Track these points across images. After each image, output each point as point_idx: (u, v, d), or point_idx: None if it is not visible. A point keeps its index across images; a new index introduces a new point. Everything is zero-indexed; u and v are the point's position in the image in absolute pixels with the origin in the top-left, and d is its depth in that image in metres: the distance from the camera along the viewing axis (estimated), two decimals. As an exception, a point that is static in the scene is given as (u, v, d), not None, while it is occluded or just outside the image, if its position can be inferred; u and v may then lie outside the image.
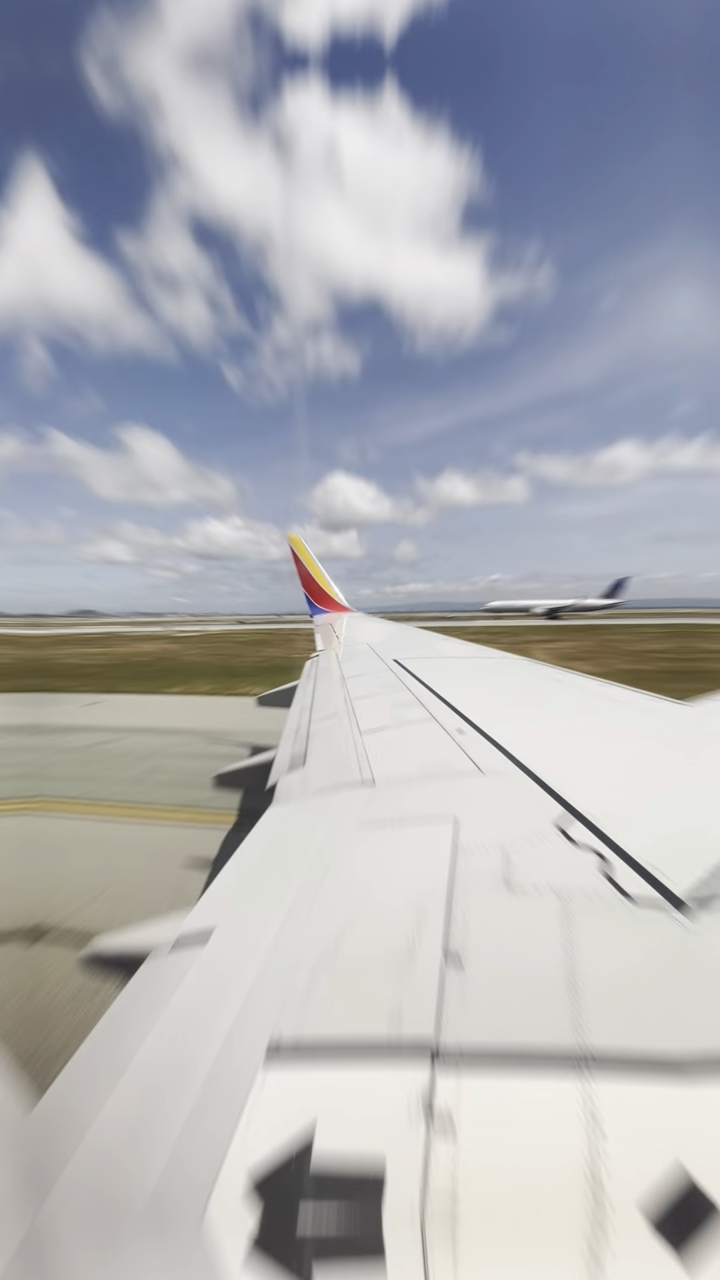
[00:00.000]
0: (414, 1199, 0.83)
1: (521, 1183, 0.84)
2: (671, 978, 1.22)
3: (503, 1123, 0.92)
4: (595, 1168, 0.84)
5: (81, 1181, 0.96)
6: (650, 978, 1.22)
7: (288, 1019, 1.22)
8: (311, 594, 23.25)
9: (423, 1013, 1.16)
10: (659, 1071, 0.98)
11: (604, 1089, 0.95)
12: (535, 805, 2.17)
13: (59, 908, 6.45)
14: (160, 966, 1.59)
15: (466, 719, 3.64)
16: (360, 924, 1.53)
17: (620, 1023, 1.09)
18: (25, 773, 12.10)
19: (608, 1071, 0.98)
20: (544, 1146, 0.88)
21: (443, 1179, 0.85)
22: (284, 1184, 0.87)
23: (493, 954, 1.33)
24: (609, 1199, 0.80)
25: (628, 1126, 0.89)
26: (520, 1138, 0.90)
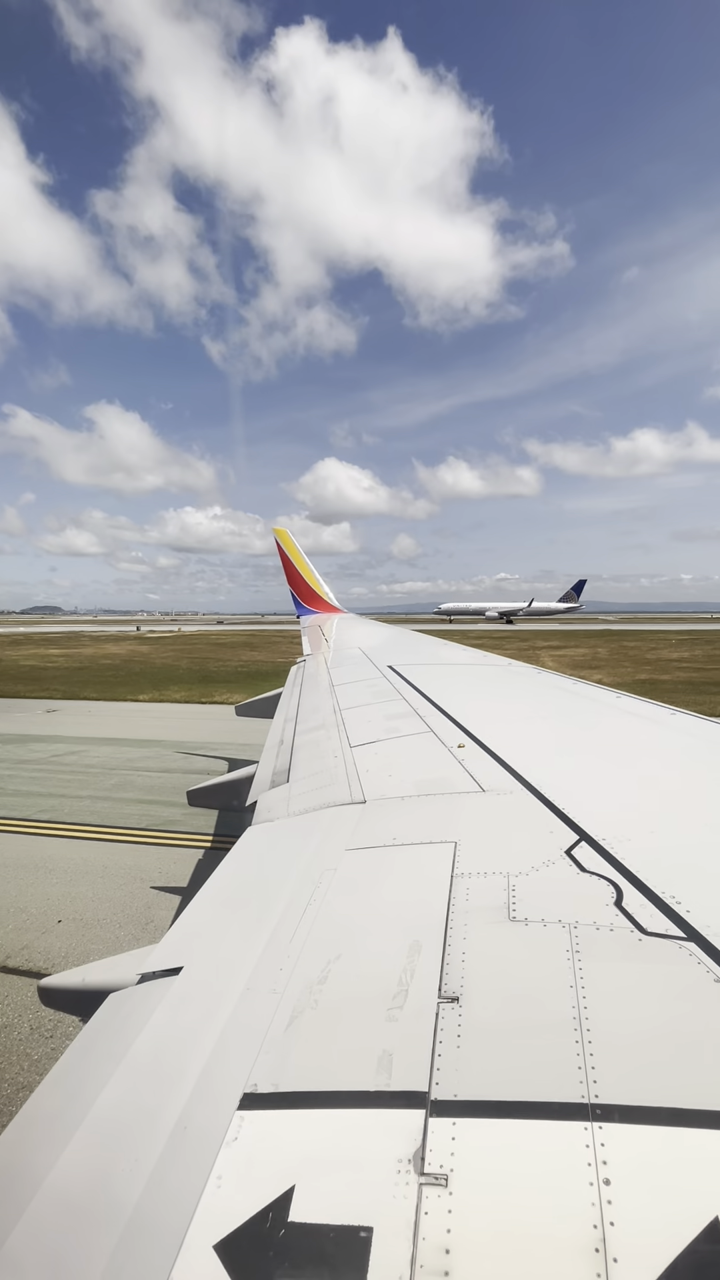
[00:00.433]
0: (403, 1263, 0.83)
1: (523, 1246, 0.84)
2: (692, 1022, 1.23)
3: (502, 1180, 0.92)
4: (604, 1231, 0.84)
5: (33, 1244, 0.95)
6: (668, 1021, 1.23)
7: (265, 1064, 1.22)
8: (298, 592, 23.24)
9: (415, 1059, 1.16)
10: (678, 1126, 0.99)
11: (615, 1145, 0.95)
12: (541, 828, 2.18)
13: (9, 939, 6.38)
14: (124, 1005, 1.58)
15: (468, 732, 3.65)
16: (347, 959, 1.53)
17: (634, 1071, 1.10)
18: (-25, 787, 11.99)
19: (620, 1126, 0.99)
20: (548, 1207, 0.88)
21: (435, 1241, 0.85)
22: (257, 1247, 0.87)
23: (493, 994, 1.33)
24: (620, 1265, 0.81)
25: (641, 1186, 0.90)
26: (522, 1197, 0.90)
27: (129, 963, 1.81)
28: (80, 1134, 1.14)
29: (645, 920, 1.56)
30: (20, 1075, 4.47)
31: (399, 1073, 1.13)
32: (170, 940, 1.82)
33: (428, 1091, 1.08)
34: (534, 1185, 0.91)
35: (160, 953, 1.76)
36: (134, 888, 7.56)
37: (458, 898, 1.75)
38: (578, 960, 1.41)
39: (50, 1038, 4.85)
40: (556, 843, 2.04)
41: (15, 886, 7.59)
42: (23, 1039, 4.85)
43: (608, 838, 2.05)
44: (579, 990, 1.30)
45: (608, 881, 1.77)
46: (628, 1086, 1.06)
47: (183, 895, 7.30)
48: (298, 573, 23.24)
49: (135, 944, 6.27)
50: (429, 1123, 1.02)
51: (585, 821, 2.19)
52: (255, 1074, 1.19)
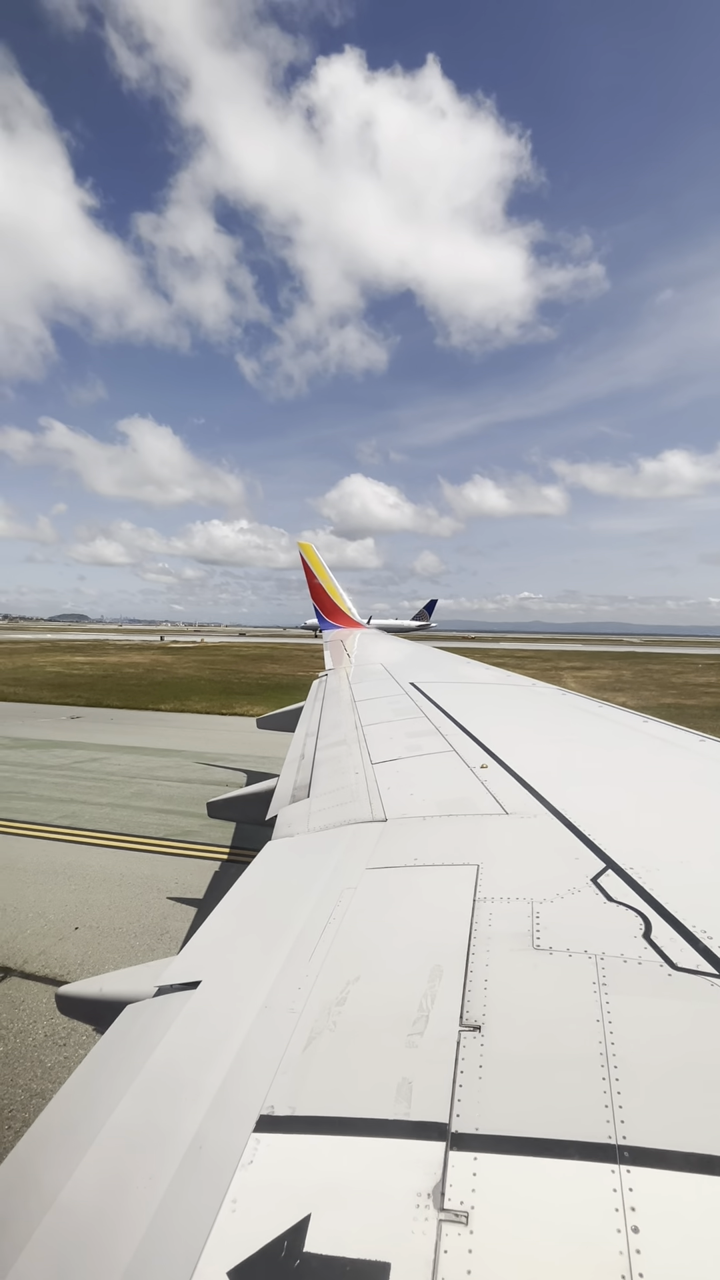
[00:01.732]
0: (422, 1302, 0.81)
1: (545, 1291, 0.81)
2: (722, 1061, 1.18)
3: (524, 1219, 0.89)
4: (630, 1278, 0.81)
5: (45, 1261, 0.94)
6: (700, 1062, 1.18)
7: (282, 1086, 1.20)
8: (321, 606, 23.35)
9: (436, 1088, 1.14)
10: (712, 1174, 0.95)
11: (645, 1190, 0.92)
12: (566, 853, 2.14)
13: (27, 944, 6.43)
14: (140, 1017, 1.58)
15: (490, 752, 3.61)
16: (367, 980, 1.51)
17: (665, 1114, 1.06)
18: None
19: (649, 1170, 0.95)
20: (574, 1253, 0.85)
21: (454, 1277, 0.82)
22: (269, 1276, 0.85)
23: (516, 1024, 1.30)
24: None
25: (673, 1236, 0.86)
26: (546, 1241, 0.87)
27: (146, 974, 1.81)
28: (95, 1148, 1.13)
29: (675, 954, 1.51)
30: (34, 1082, 4.47)
31: (419, 1102, 1.11)
32: (188, 953, 1.82)
33: (448, 1123, 1.06)
34: (559, 1229, 0.88)
35: (178, 965, 1.75)
36: (150, 897, 7.58)
37: (480, 923, 1.71)
38: (604, 993, 1.37)
39: (64, 1045, 4.86)
40: (582, 869, 2.00)
41: (34, 891, 7.66)
42: (37, 1045, 4.86)
43: (635, 866, 2.00)
44: (605, 1025, 1.27)
45: (635, 912, 1.72)
46: (658, 1129, 1.02)
47: (199, 907, 7.30)
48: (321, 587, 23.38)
49: (151, 954, 6.27)
50: (449, 1156, 0.99)
51: (612, 849, 2.14)
52: (272, 1095, 1.18)
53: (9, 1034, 4.99)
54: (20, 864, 8.55)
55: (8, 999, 5.48)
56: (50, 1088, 4.41)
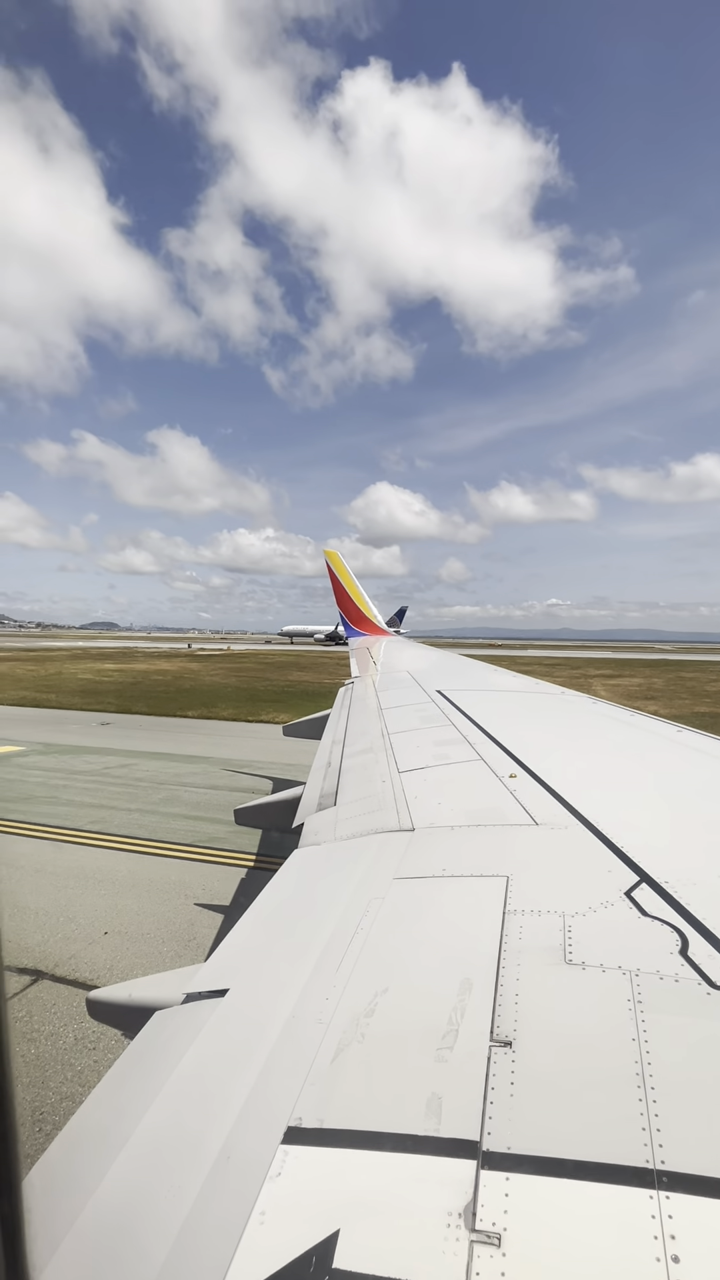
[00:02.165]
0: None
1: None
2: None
3: (559, 1244, 0.87)
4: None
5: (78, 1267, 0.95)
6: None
7: (310, 1097, 1.19)
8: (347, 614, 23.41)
9: (466, 1105, 1.12)
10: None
11: (685, 1218, 0.89)
12: (599, 866, 2.10)
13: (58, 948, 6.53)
14: (169, 1024, 1.59)
15: (519, 761, 3.56)
16: (395, 992, 1.49)
17: (705, 1139, 1.02)
18: (30, 795, 12.43)
19: (690, 1198, 0.92)
20: (608, 1277, 0.83)
21: (486, 1304, 0.81)
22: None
23: (549, 1041, 1.27)
24: None
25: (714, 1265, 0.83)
26: (582, 1267, 0.84)
27: (174, 981, 1.82)
28: (124, 1155, 1.14)
29: (714, 973, 1.47)
30: (64, 1085, 4.53)
31: (449, 1118, 1.09)
32: (216, 961, 1.83)
33: (479, 1141, 1.04)
34: (595, 1256, 0.85)
35: (206, 973, 1.76)
36: (178, 903, 7.64)
37: (510, 935, 1.69)
38: (640, 1011, 1.33)
39: (94, 1049, 4.91)
40: (615, 883, 1.95)
41: (66, 896, 7.78)
42: (67, 1048, 4.92)
43: (671, 880, 1.95)
44: (641, 1044, 1.23)
45: (672, 928, 1.67)
46: (699, 1155, 0.98)
47: (225, 914, 7.33)
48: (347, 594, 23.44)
49: (178, 960, 6.32)
50: (480, 1175, 0.98)
51: (646, 862, 2.09)
52: (300, 1107, 1.17)
53: (40, 1036, 5.07)
54: (52, 868, 8.71)
55: (40, 1002, 5.56)
56: (80, 1091, 4.46)
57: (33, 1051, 4.88)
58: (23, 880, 8.25)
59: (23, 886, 8.04)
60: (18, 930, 6.87)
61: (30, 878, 8.35)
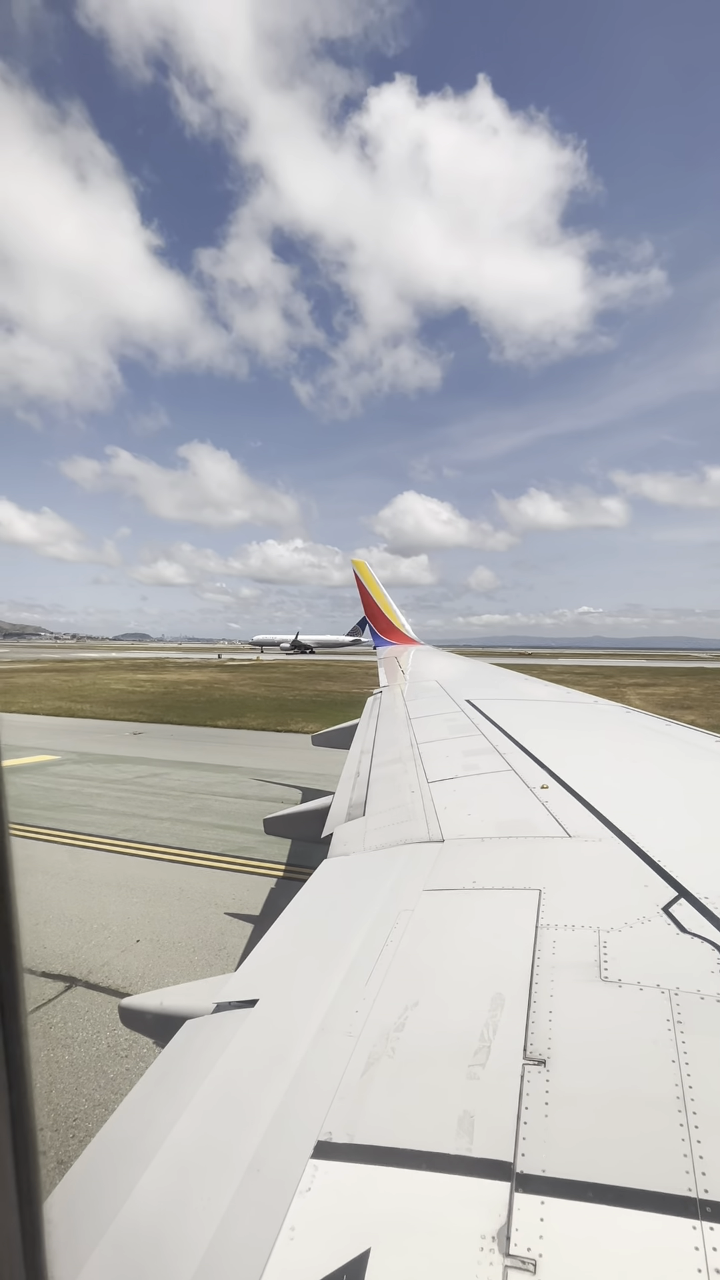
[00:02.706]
0: None
1: None
2: None
3: (596, 1272, 0.84)
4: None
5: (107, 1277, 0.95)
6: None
7: (340, 1112, 1.18)
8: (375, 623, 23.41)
9: (499, 1124, 1.09)
10: None
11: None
12: (635, 880, 2.04)
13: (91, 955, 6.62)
14: (199, 1033, 1.59)
15: (551, 772, 3.50)
16: (426, 1007, 1.47)
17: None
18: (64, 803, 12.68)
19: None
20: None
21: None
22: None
23: (584, 1060, 1.24)
24: None
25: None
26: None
27: (205, 990, 1.83)
28: (155, 1165, 1.14)
29: (758, 993, 1.41)
30: (97, 1093, 4.57)
31: (481, 1138, 1.07)
32: (246, 971, 1.83)
33: (513, 1162, 1.01)
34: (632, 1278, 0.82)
35: (236, 983, 1.76)
36: (209, 912, 7.68)
37: (543, 950, 1.65)
38: (680, 1032, 1.29)
39: (126, 1057, 4.95)
40: (652, 898, 1.90)
41: (99, 903, 7.89)
42: (100, 1056, 4.98)
43: (711, 896, 1.89)
44: (682, 1066, 1.19)
45: (712, 945, 1.62)
46: (743, 1184, 0.94)
47: (255, 924, 7.34)
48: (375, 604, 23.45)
49: (209, 969, 6.34)
50: (514, 1198, 0.95)
51: (684, 877, 2.03)
52: (329, 1121, 1.16)
53: (74, 1043, 5.14)
54: (85, 875, 8.85)
55: (74, 1008, 5.64)
56: (113, 1098, 4.49)
57: (67, 1058, 4.95)
58: (58, 887, 8.40)
59: (58, 893, 8.18)
60: (52, 936, 6.99)
61: (65, 884, 8.50)
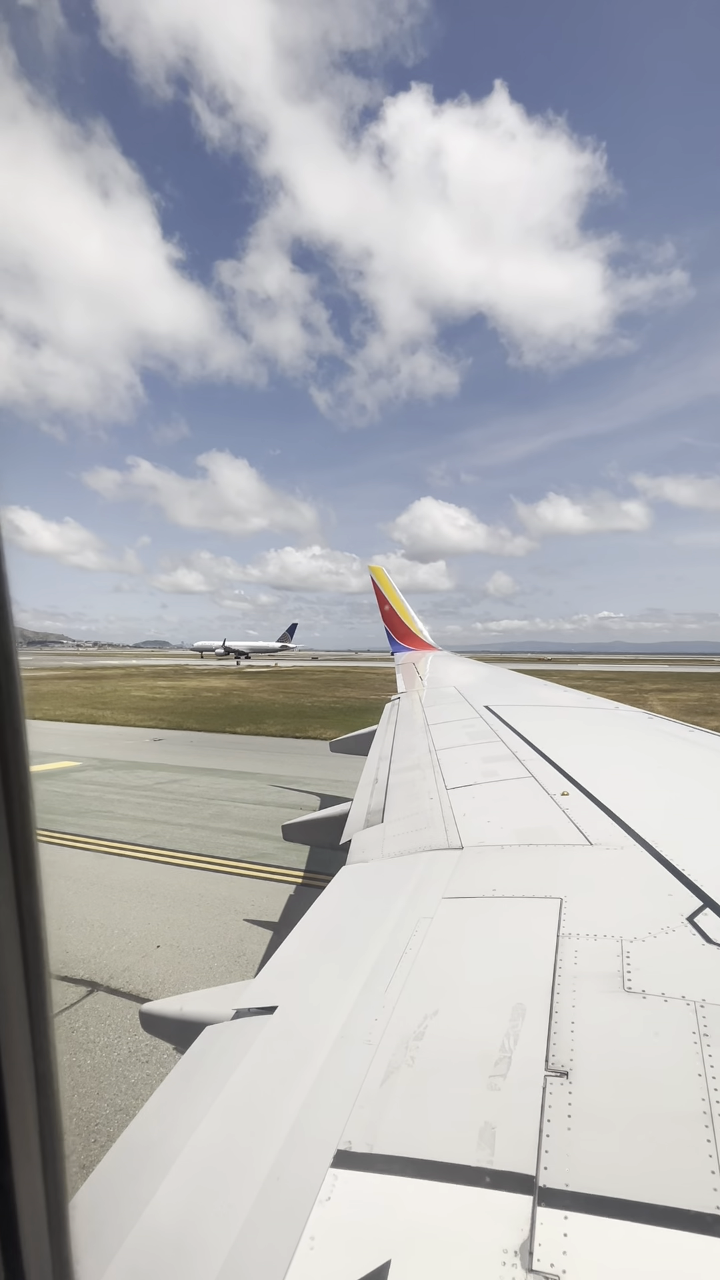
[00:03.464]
0: None
1: None
2: None
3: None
4: None
5: (128, 1279, 0.95)
6: None
7: (359, 1121, 1.17)
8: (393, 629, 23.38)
9: (521, 1137, 1.08)
10: None
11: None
12: (658, 889, 2.01)
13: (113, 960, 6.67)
14: (219, 1039, 1.59)
15: (571, 779, 3.46)
16: (445, 1016, 1.46)
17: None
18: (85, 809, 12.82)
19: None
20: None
21: None
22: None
23: (607, 1073, 1.22)
24: None
25: None
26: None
27: (224, 996, 1.83)
28: (175, 1171, 1.14)
29: (787, 1006, 1.38)
30: (118, 1097, 4.59)
31: (503, 1150, 1.06)
32: (265, 978, 1.83)
33: (535, 1176, 1.00)
34: (662, 1305, 0.80)
35: (255, 989, 1.76)
36: (228, 918, 7.70)
37: (565, 960, 1.63)
38: (706, 1045, 1.26)
39: (147, 1062, 4.97)
40: (677, 907, 1.87)
41: (120, 909, 7.96)
42: (121, 1060, 5.00)
43: (737, 906, 1.85)
44: (709, 1080, 1.16)
45: (739, 957, 1.58)
46: (774, 1203, 0.92)
47: (274, 930, 7.34)
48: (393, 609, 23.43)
49: (228, 976, 6.35)
50: (537, 1212, 0.94)
51: (710, 885, 1.99)
52: (349, 1130, 1.15)
53: (96, 1048, 5.17)
54: (107, 881, 8.93)
55: (95, 1013, 5.68)
56: (134, 1104, 4.51)
57: (89, 1062, 4.98)
58: (79, 893, 8.48)
59: (79, 899, 8.26)
60: (75, 942, 7.06)
61: (86, 890, 8.58)
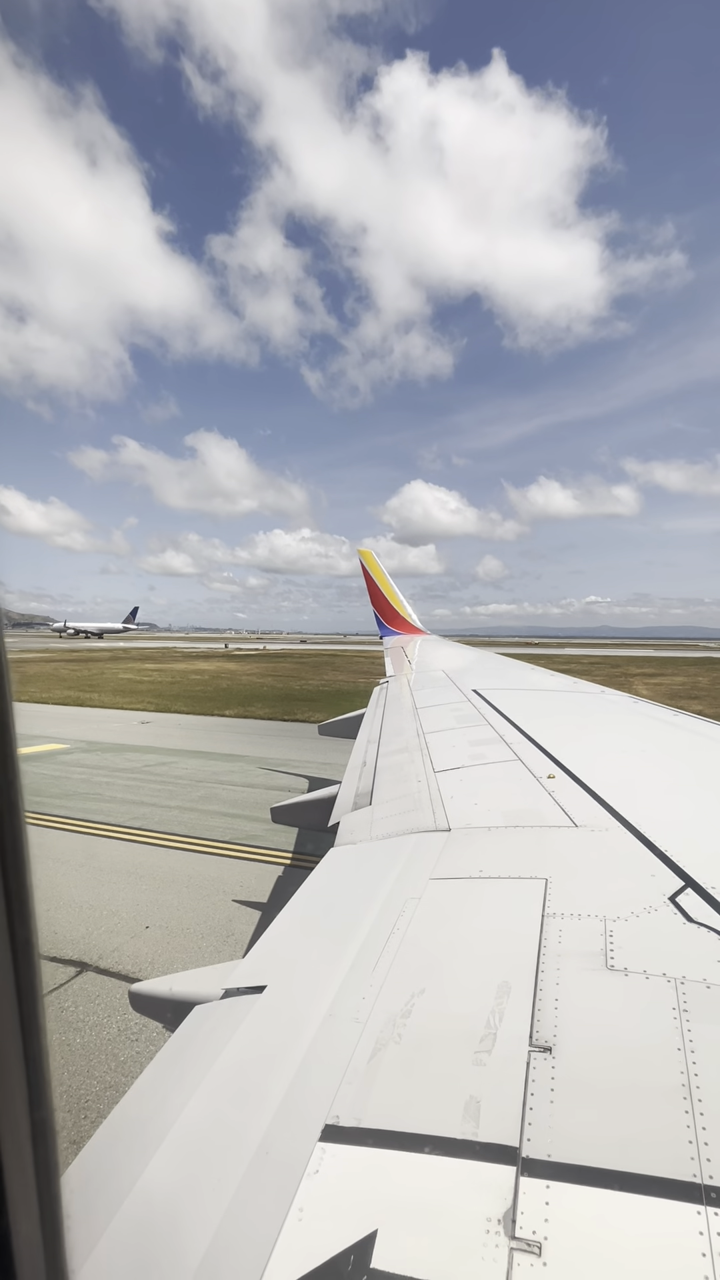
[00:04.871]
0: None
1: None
2: None
3: (602, 1256, 0.85)
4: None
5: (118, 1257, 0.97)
6: None
7: (347, 1096, 1.20)
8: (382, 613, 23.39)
9: (505, 1110, 1.10)
10: None
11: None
12: (641, 869, 2.05)
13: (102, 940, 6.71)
14: (208, 1018, 1.61)
15: (558, 762, 3.50)
16: (432, 994, 1.48)
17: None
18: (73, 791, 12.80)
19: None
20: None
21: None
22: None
23: (590, 1048, 1.25)
24: None
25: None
26: (623, 1276, 0.82)
27: (213, 976, 1.85)
28: (166, 1146, 1.16)
29: (764, 982, 1.41)
30: (108, 1075, 4.64)
31: (487, 1123, 1.08)
32: (254, 958, 1.85)
33: (518, 1147, 1.02)
34: (639, 1270, 0.83)
35: (244, 969, 1.78)
36: (217, 899, 7.76)
37: (549, 939, 1.66)
38: (686, 1020, 1.29)
39: (136, 1040, 5.02)
40: (659, 887, 1.90)
41: (109, 890, 7.98)
42: (111, 1039, 5.05)
43: (718, 886, 1.89)
44: (688, 1055, 1.20)
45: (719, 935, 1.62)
46: (748, 1171, 0.95)
47: (263, 911, 7.41)
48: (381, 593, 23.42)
49: (217, 955, 6.41)
50: (520, 1182, 0.96)
51: (691, 866, 2.03)
52: (337, 1105, 1.17)
53: (85, 1027, 5.21)
54: (95, 863, 8.94)
55: (84, 993, 5.72)
56: (124, 1080, 4.57)
57: (79, 1041, 5.03)
58: (68, 874, 8.49)
59: (69, 880, 8.28)
60: (64, 922, 7.08)
61: (74, 872, 8.59)
